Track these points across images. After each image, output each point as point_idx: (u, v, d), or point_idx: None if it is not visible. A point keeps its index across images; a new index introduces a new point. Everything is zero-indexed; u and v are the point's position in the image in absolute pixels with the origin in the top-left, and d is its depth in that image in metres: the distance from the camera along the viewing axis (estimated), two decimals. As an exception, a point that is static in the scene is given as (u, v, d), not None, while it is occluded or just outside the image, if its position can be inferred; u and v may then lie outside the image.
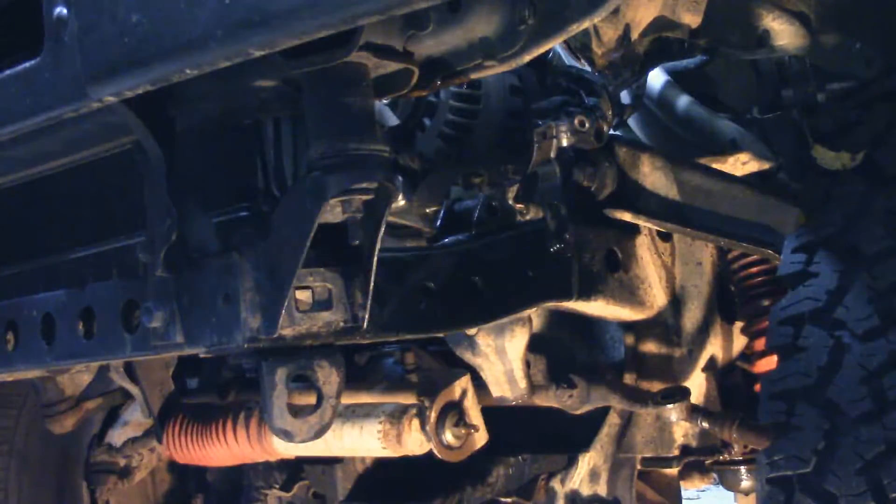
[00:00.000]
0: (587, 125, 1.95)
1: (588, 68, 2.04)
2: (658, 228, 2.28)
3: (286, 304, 1.45)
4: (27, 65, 1.42)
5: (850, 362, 1.78)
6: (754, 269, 2.45)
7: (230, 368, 2.44)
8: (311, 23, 1.20)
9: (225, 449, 2.41)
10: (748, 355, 2.51)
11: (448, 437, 2.13)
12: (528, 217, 2.00)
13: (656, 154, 2.24)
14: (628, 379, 2.39)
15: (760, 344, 2.39)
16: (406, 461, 2.27)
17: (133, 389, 2.46)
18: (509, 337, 2.13)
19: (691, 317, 2.41)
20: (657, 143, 2.81)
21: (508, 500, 2.51)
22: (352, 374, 1.77)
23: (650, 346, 2.38)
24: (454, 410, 2.15)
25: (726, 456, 2.45)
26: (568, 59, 2.27)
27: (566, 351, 2.49)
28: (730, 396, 2.51)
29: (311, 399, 1.55)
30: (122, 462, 2.92)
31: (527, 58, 1.46)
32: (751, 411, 2.24)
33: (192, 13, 1.23)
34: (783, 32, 2.20)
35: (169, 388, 2.46)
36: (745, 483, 2.49)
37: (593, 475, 2.37)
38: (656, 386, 2.34)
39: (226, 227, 1.56)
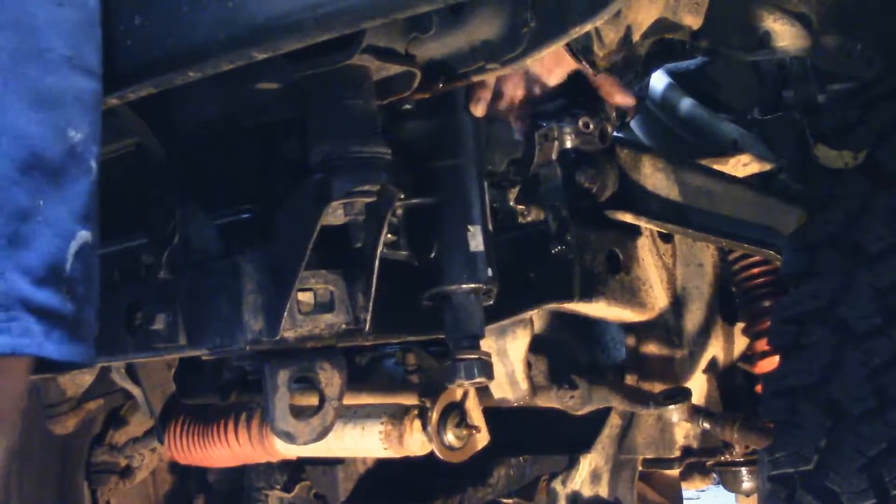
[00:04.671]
0: (591, 126, 1.95)
1: (590, 70, 2.04)
2: (659, 230, 2.28)
3: (288, 306, 1.45)
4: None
5: (852, 360, 1.78)
6: (755, 270, 2.45)
7: (231, 369, 2.43)
8: (313, 26, 1.20)
9: (226, 450, 2.41)
10: (749, 356, 2.51)
11: (449, 437, 2.14)
12: (529, 219, 2.00)
13: (657, 155, 2.24)
14: (629, 380, 2.40)
15: (762, 345, 2.39)
16: (407, 462, 2.27)
17: (134, 390, 2.46)
18: (511, 338, 2.13)
19: (692, 318, 2.41)
20: (658, 144, 2.81)
21: (510, 500, 2.51)
22: (353, 375, 1.77)
23: (651, 348, 2.38)
24: (456, 411, 2.15)
25: (727, 457, 2.46)
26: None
27: (567, 352, 2.49)
28: (731, 397, 2.52)
29: (313, 400, 1.55)
30: (124, 462, 2.92)
31: (528, 60, 1.47)
32: (752, 412, 2.25)
33: (196, 16, 1.23)
34: (784, 34, 2.20)
35: (170, 389, 2.46)
36: (747, 484, 2.49)
37: (594, 476, 2.37)
38: (658, 387, 2.34)
39: (228, 229, 1.57)
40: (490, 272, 1.66)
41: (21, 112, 1.11)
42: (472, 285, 1.65)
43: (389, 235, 1.64)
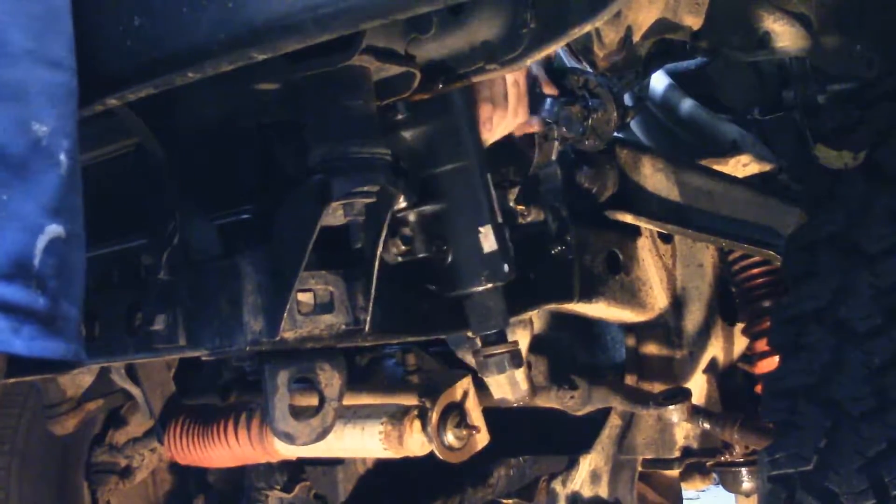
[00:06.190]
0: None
1: (590, 70, 2.04)
2: (659, 230, 2.28)
3: (288, 306, 1.45)
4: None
5: (852, 360, 1.78)
6: (755, 271, 2.46)
7: (231, 370, 2.44)
8: (313, 27, 1.20)
9: (226, 450, 2.41)
10: (749, 356, 2.51)
11: (449, 438, 2.13)
12: (529, 219, 2.00)
13: (657, 156, 2.24)
14: (629, 380, 2.40)
15: (761, 345, 2.39)
16: (407, 462, 2.27)
17: (134, 391, 2.46)
18: (510, 338, 2.13)
19: (692, 318, 2.41)
20: (658, 144, 2.81)
21: (509, 501, 2.51)
22: (353, 375, 1.77)
23: (651, 348, 2.38)
24: (455, 412, 2.15)
25: (727, 457, 2.46)
26: (569, 61, 2.27)
27: (567, 352, 2.49)
28: (731, 398, 2.52)
29: (313, 400, 1.55)
30: (124, 462, 2.92)
31: (528, 61, 1.46)
32: (752, 412, 2.25)
33: (195, 17, 1.23)
34: (784, 34, 2.21)
35: (170, 389, 2.47)
36: (747, 485, 2.49)
37: (594, 476, 2.37)
38: (657, 387, 2.34)
39: (228, 230, 1.56)
40: (507, 268, 1.69)
41: None
42: (491, 285, 1.66)
43: (403, 246, 1.66)
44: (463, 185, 1.67)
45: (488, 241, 1.66)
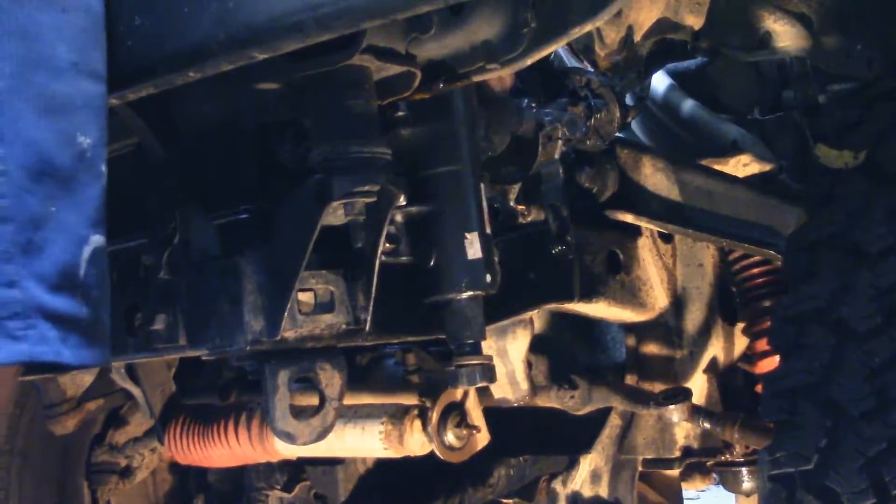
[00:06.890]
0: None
1: (591, 69, 2.04)
2: (659, 230, 2.29)
3: (289, 306, 1.45)
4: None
5: (852, 360, 1.78)
6: (755, 270, 2.46)
7: (231, 369, 2.43)
8: (313, 26, 1.20)
9: (226, 450, 2.41)
10: (749, 356, 2.51)
11: (450, 437, 2.14)
12: (529, 219, 2.00)
13: (658, 155, 2.24)
14: (630, 380, 2.40)
15: (762, 345, 2.39)
16: (407, 462, 2.27)
17: (134, 390, 2.45)
18: (511, 338, 2.13)
19: (692, 318, 2.42)
20: (658, 144, 2.82)
21: (510, 501, 2.51)
22: (353, 375, 1.77)
23: (651, 348, 2.38)
24: (456, 411, 2.15)
25: (728, 457, 2.46)
26: (570, 61, 2.28)
27: (568, 352, 2.49)
28: (731, 397, 2.52)
29: (314, 400, 1.55)
30: (124, 462, 2.92)
31: (529, 61, 1.47)
32: (752, 412, 2.25)
33: (196, 16, 1.23)
34: (785, 34, 2.21)
35: (170, 389, 2.46)
36: (747, 484, 2.49)
37: (595, 476, 2.37)
38: (658, 387, 2.34)
39: (228, 229, 1.56)
40: (489, 278, 1.66)
41: (30, 119, 1.11)
42: (472, 293, 1.65)
43: (388, 244, 1.64)
44: (454, 190, 1.66)
45: (473, 248, 1.65)
